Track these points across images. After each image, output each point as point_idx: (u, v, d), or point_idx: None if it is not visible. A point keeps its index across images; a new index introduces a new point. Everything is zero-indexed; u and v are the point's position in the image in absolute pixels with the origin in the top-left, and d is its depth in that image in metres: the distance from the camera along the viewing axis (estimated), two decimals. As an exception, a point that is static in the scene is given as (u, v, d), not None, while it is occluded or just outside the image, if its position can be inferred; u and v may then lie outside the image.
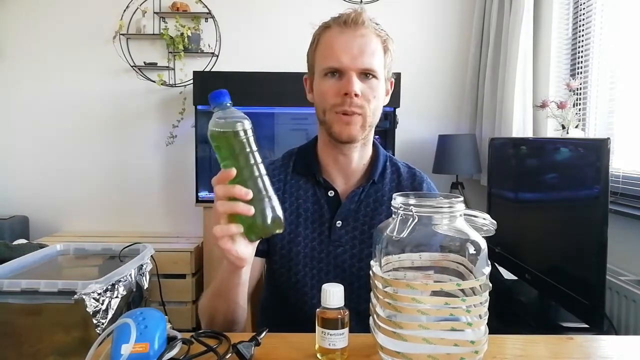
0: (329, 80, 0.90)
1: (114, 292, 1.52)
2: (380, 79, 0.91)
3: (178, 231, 2.88)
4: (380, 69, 0.90)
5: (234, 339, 0.70)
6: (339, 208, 0.96)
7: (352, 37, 0.89)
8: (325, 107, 0.91)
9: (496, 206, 2.00)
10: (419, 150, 2.76)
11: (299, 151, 1.04)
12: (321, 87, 0.91)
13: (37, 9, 2.83)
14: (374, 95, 0.90)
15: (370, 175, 0.98)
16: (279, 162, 1.03)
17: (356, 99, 0.88)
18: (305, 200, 0.98)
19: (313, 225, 0.97)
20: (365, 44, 0.88)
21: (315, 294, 0.70)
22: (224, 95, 0.69)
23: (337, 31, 0.90)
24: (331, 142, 0.95)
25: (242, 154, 0.68)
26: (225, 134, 0.67)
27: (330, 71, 0.89)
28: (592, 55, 2.05)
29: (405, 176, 1.02)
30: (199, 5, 2.78)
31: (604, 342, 0.79)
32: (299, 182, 0.99)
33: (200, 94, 2.52)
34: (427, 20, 2.81)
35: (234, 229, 0.68)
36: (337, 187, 0.98)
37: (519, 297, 1.82)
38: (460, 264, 0.64)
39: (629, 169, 1.77)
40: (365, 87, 0.89)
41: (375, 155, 1.01)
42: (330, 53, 0.89)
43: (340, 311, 0.67)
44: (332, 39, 0.90)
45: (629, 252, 1.67)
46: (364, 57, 0.88)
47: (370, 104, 0.90)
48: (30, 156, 2.89)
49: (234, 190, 0.66)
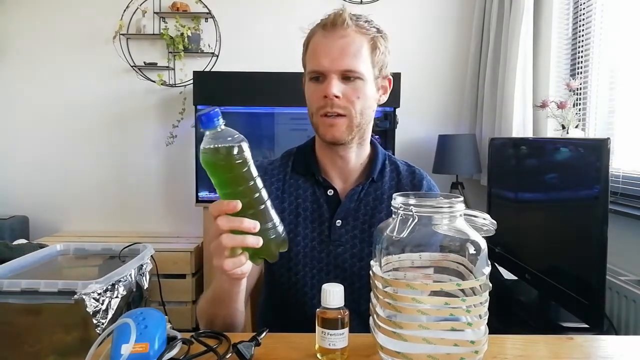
0: (313, 84, 0.91)
1: (114, 292, 1.52)
2: (366, 80, 0.90)
3: (178, 231, 2.88)
4: (365, 69, 0.89)
5: (234, 339, 0.70)
6: (339, 207, 0.96)
7: (333, 39, 0.89)
8: (312, 111, 0.92)
9: (496, 206, 2.00)
10: (419, 150, 2.76)
11: (297, 151, 1.04)
12: (307, 92, 0.94)
13: (37, 9, 2.83)
14: (358, 96, 0.89)
15: (369, 174, 0.98)
16: (278, 162, 1.03)
17: (338, 100, 0.88)
18: (305, 199, 0.98)
19: (312, 225, 0.97)
20: (346, 45, 0.88)
21: (315, 294, 0.70)
22: (214, 117, 0.62)
23: (320, 35, 0.91)
24: (325, 143, 0.95)
25: (240, 179, 0.63)
26: (219, 160, 0.62)
27: (314, 75, 0.90)
28: (592, 55, 2.05)
29: (405, 174, 1.02)
30: (199, 5, 2.78)
31: (604, 342, 0.79)
32: (297, 181, 0.99)
33: (200, 94, 2.52)
34: (427, 20, 2.81)
35: (244, 261, 0.67)
36: (336, 186, 0.98)
37: (519, 297, 1.82)
38: (460, 264, 0.64)
39: (629, 169, 1.77)
40: (348, 89, 0.89)
41: (374, 154, 1.01)
42: (313, 57, 0.90)
43: (340, 311, 0.67)
44: (316, 42, 0.91)
45: (629, 252, 1.67)
46: (344, 59, 0.87)
47: (354, 105, 0.89)
48: (30, 156, 2.89)
49: (242, 226, 0.63)
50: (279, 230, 0.67)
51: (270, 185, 0.99)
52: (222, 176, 0.64)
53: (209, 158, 0.62)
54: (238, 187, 0.64)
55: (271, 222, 0.66)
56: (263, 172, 1.00)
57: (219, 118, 0.63)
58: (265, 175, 1.00)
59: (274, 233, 0.66)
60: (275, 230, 0.66)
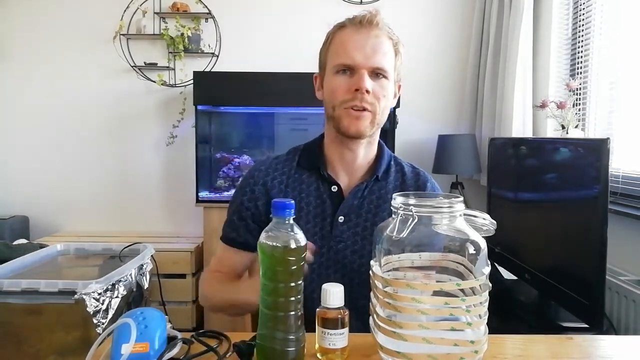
0: (341, 77, 0.92)
1: (114, 292, 1.52)
2: (390, 80, 0.93)
3: (178, 231, 2.88)
4: (391, 70, 0.93)
5: (234, 339, 0.70)
6: (342, 203, 0.97)
7: (366, 36, 0.91)
8: (335, 103, 0.93)
9: (496, 206, 2.00)
10: (419, 150, 2.76)
11: (305, 147, 1.05)
12: (332, 84, 0.93)
13: (37, 9, 2.83)
14: (384, 94, 0.92)
15: (374, 172, 0.99)
16: (284, 156, 1.04)
17: (367, 95, 0.89)
18: (308, 194, 0.98)
19: (315, 220, 0.97)
20: (378, 44, 0.91)
21: (315, 288, 0.70)
22: (286, 209, 0.64)
23: (352, 30, 0.92)
24: (338, 137, 0.96)
25: (279, 275, 0.63)
26: (268, 249, 0.63)
27: (342, 68, 0.91)
28: (592, 55, 2.05)
29: (410, 175, 1.03)
30: (199, 6, 2.78)
31: (603, 342, 0.79)
32: (302, 176, 1.00)
33: (200, 94, 2.52)
34: (427, 20, 2.81)
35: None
36: (341, 182, 0.99)
37: (519, 297, 1.82)
38: (460, 264, 0.64)
39: (629, 169, 1.77)
40: (376, 86, 0.91)
41: (380, 153, 1.02)
42: (343, 51, 0.91)
43: (340, 311, 0.67)
44: (347, 37, 0.92)
45: (629, 252, 1.68)
46: (377, 57, 0.90)
47: (380, 102, 0.92)
48: (30, 156, 2.89)
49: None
50: (295, 347, 0.64)
51: (273, 179, 1.00)
52: (265, 263, 0.64)
53: (263, 242, 0.64)
54: (274, 279, 0.64)
55: (293, 335, 0.64)
56: (267, 167, 1.01)
57: (290, 210, 0.64)
58: (269, 169, 1.01)
59: (292, 346, 0.64)
60: (293, 344, 0.64)
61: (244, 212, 0.99)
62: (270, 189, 0.99)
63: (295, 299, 0.64)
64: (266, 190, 0.99)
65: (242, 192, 1.01)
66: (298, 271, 0.64)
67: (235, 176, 2.67)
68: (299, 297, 0.65)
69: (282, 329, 0.64)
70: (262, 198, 0.98)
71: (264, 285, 0.64)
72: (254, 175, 1.01)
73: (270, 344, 0.64)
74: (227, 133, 2.90)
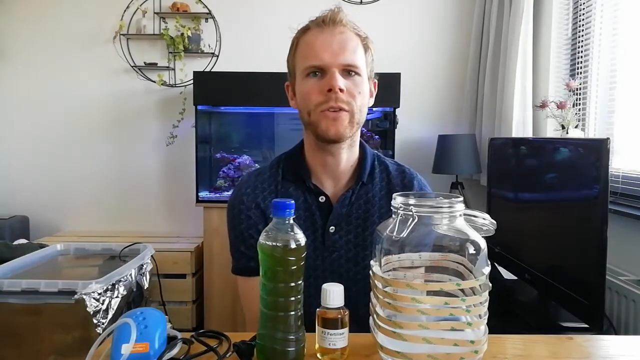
0: (311, 79, 0.89)
1: (114, 292, 1.52)
2: (363, 77, 0.90)
3: (178, 231, 2.88)
4: (363, 66, 0.90)
5: (234, 339, 0.70)
6: (331, 213, 0.95)
7: (331, 35, 0.88)
8: (310, 108, 0.90)
9: (496, 206, 2.00)
10: (419, 150, 2.76)
11: (286, 157, 1.02)
12: (304, 88, 0.90)
13: (37, 10, 2.83)
14: (359, 91, 0.89)
15: (359, 177, 0.97)
16: (267, 172, 1.00)
17: (341, 94, 0.86)
18: (297, 207, 0.96)
19: (306, 233, 0.95)
20: (345, 41, 0.88)
21: (313, 302, 0.70)
22: (286, 208, 0.64)
23: (316, 31, 0.90)
24: (318, 144, 0.93)
25: (279, 274, 0.63)
26: (268, 249, 0.63)
27: (312, 70, 0.89)
28: (592, 55, 2.05)
29: (395, 174, 1.01)
30: (199, 6, 2.78)
31: (603, 342, 0.79)
32: (288, 189, 0.97)
33: (200, 94, 2.52)
34: (427, 20, 2.81)
35: None
36: (327, 191, 0.97)
37: (519, 297, 1.82)
38: (460, 264, 0.64)
39: (629, 169, 1.77)
40: (349, 83, 0.88)
41: (363, 155, 0.99)
42: (311, 52, 0.89)
43: (340, 311, 0.67)
44: (312, 38, 0.90)
45: (629, 252, 1.68)
46: (345, 54, 0.87)
47: (356, 100, 0.89)
48: (30, 156, 2.89)
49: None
50: (294, 347, 0.64)
51: (264, 199, 0.96)
52: (265, 263, 0.64)
53: (262, 242, 0.64)
54: (274, 279, 0.63)
55: (293, 335, 0.64)
56: (254, 188, 0.98)
57: (290, 210, 0.64)
58: (257, 190, 0.97)
59: (292, 346, 0.64)
60: (293, 344, 0.64)
61: (249, 240, 0.96)
62: (264, 209, 0.96)
63: (295, 299, 0.64)
64: (261, 212, 0.96)
65: (238, 221, 0.97)
66: (298, 271, 0.64)
67: (236, 176, 2.66)
68: (299, 297, 0.65)
69: (282, 329, 0.64)
70: (260, 222, 0.95)
71: (264, 285, 0.64)
72: (243, 201, 0.97)
73: (270, 344, 0.64)
74: (227, 133, 2.90)
